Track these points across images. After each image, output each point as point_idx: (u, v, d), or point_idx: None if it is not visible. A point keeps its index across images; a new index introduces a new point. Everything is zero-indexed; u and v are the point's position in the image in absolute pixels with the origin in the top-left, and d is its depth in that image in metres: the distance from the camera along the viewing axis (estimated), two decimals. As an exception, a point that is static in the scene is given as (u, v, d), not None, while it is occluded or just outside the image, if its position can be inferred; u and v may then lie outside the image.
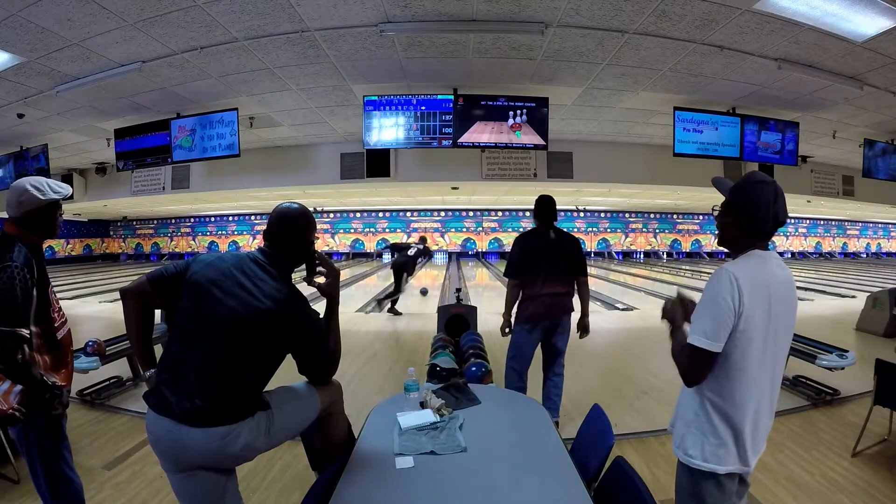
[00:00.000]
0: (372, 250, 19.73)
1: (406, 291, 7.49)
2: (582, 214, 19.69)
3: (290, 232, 1.55)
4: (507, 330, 3.03)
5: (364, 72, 4.14)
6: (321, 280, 1.64)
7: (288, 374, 1.58)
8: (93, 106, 4.81)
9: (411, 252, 7.37)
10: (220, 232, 20.68)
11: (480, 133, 4.68)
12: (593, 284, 3.24)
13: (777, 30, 3.25)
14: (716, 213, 1.39)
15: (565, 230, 3.06)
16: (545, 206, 2.96)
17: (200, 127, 5.06)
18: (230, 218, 20.46)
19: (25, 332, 1.52)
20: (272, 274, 1.48)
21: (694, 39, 3.45)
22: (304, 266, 1.64)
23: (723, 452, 1.28)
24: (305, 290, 1.59)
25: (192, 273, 1.45)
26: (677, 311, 1.41)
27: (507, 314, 2.99)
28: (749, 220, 1.29)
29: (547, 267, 2.87)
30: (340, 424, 1.74)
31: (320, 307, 1.63)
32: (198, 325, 1.40)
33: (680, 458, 1.35)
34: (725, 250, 1.43)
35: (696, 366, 1.26)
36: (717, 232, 1.39)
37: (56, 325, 1.72)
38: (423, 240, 7.87)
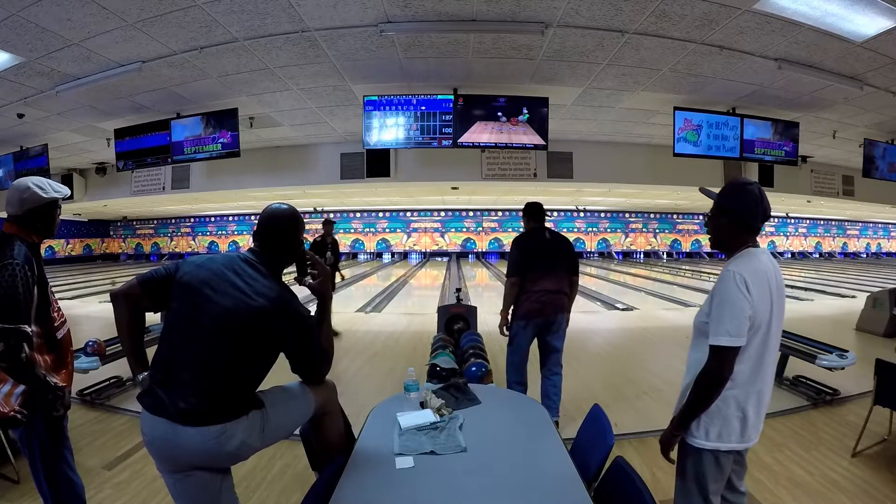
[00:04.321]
0: (372, 250, 19.76)
1: (405, 292, 6.99)
2: (582, 214, 19.69)
3: (279, 232, 1.56)
4: (505, 328, 3.10)
5: (364, 72, 4.14)
6: (312, 280, 1.64)
7: (282, 374, 1.59)
8: (93, 106, 4.81)
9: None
10: (220, 232, 20.68)
11: (480, 133, 4.68)
12: (593, 284, 3.30)
13: (777, 30, 3.26)
14: (706, 221, 1.55)
15: (557, 231, 3.20)
16: (537, 210, 3.14)
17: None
18: (230, 218, 20.47)
19: (28, 329, 1.52)
20: (263, 272, 1.49)
21: (694, 39, 3.45)
22: (295, 267, 1.65)
23: (726, 432, 1.42)
24: (299, 291, 1.60)
25: (182, 274, 1.46)
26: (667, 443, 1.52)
27: (505, 312, 3.07)
28: (744, 217, 1.44)
29: (543, 266, 2.99)
30: (336, 424, 1.74)
31: (314, 308, 1.64)
32: (190, 325, 1.40)
33: (688, 441, 1.47)
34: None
35: (725, 363, 1.36)
36: (710, 236, 1.54)
37: (56, 324, 1.72)
38: (329, 223, 5.86)
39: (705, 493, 1.46)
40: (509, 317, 3.07)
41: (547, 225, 3.17)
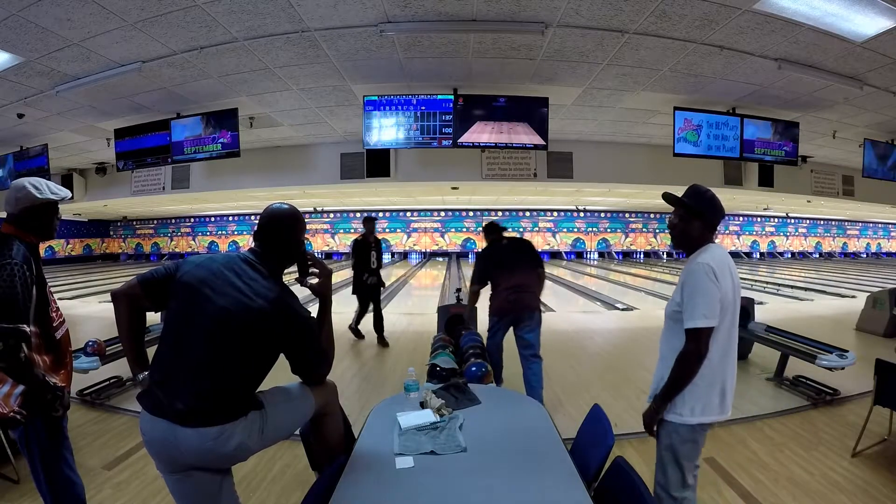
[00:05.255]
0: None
1: (405, 292, 6.70)
2: (582, 214, 19.68)
3: (280, 232, 1.55)
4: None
5: (364, 72, 4.13)
6: (314, 280, 1.63)
7: (282, 374, 1.58)
8: (93, 106, 4.81)
9: (374, 263, 5.43)
10: (220, 232, 20.68)
11: (480, 133, 4.67)
12: (593, 284, 3.35)
13: (777, 30, 3.25)
14: (673, 222, 1.71)
15: (516, 235, 3.71)
16: (494, 228, 3.69)
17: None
18: (230, 218, 20.47)
19: (27, 328, 1.52)
20: (263, 273, 1.48)
21: (694, 39, 3.45)
22: (296, 268, 1.64)
23: (708, 407, 1.58)
24: (299, 291, 1.59)
25: (182, 274, 1.45)
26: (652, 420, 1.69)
27: (469, 311, 3.85)
28: (712, 218, 1.66)
29: (506, 266, 3.44)
30: (336, 425, 1.73)
31: (314, 310, 1.63)
32: (189, 325, 1.40)
33: (670, 419, 1.62)
34: None
35: (702, 343, 1.52)
36: (676, 236, 1.71)
37: (54, 324, 1.72)
38: (370, 220, 5.53)
39: (682, 467, 1.62)
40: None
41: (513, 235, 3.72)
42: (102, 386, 3.67)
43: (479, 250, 3.69)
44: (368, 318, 5.61)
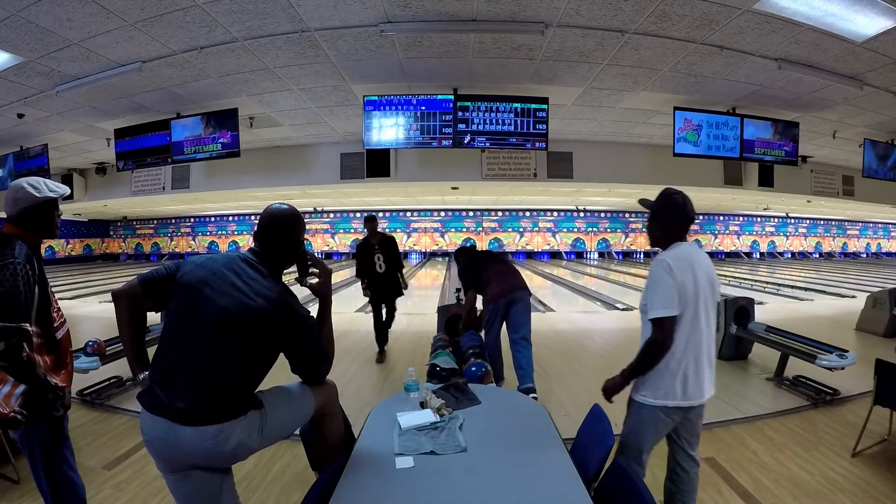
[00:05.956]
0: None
1: (405, 292, 6.22)
2: (582, 214, 19.68)
3: (279, 232, 1.56)
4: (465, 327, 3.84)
5: (364, 72, 4.14)
6: (313, 280, 1.64)
7: (282, 374, 1.58)
8: (93, 106, 4.81)
9: (380, 267, 4.78)
10: (220, 232, 20.68)
11: (480, 133, 4.68)
12: (593, 284, 3.36)
13: (777, 30, 3.26)
14: (646, 224, 1.89)
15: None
16: (464, 248, 4.22)
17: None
18: (230, 218, 20.47)
19: (29, 327, 1.52)
20: (263, 273, 1.49)
21: (694, 39, 3.45)
22: (296, 267, 1.64)
23: (672, 392, 1.71)
24: (299, 291, 1.59)
25: (182, 274, 1.46)
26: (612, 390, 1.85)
27: (467, 317, 3.88)
28: (667, 220, 1.80)
29: (487, 261, 3.83)
30: (336, 425, 1.73)
31: (314, 309, 1.63)
32: (189, 324, 1.40)
33: (636, 398, 1.78)
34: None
35: (666, 331, 1.66)
36: (649, 236, 1.88)
37: (55, 324, 1.72)
38: (370, 220, 4.83)
39: (640, 445, 1.77)
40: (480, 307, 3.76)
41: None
42: (102, 386, 3.66)
43: (462, 265, 3.96)
44: (367, 319, 5.59)
